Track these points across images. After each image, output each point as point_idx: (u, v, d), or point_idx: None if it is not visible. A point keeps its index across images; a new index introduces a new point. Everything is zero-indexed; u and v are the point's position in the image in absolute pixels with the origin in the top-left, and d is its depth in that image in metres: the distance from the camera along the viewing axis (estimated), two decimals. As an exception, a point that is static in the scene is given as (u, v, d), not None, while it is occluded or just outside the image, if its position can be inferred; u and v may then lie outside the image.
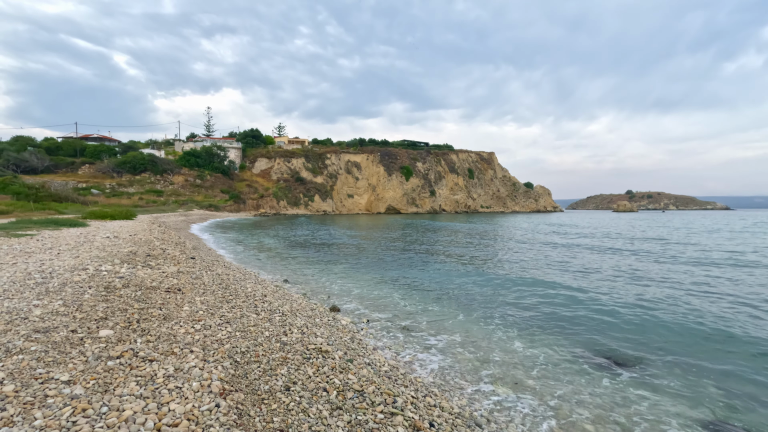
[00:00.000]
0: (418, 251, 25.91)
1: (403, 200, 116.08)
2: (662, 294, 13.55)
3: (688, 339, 9.13)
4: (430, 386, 6.17)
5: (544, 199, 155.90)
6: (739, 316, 10.93)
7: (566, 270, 18.44)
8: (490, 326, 9.93)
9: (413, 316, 10.68)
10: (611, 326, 10.08)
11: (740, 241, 32.17)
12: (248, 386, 5.22)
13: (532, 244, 30.53)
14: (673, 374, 7.23)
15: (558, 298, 13.03)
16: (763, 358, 8.00)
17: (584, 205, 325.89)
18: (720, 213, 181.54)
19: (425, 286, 14.75)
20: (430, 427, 4.57)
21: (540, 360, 7.78)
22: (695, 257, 22.83)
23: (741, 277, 16.64)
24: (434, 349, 8.22)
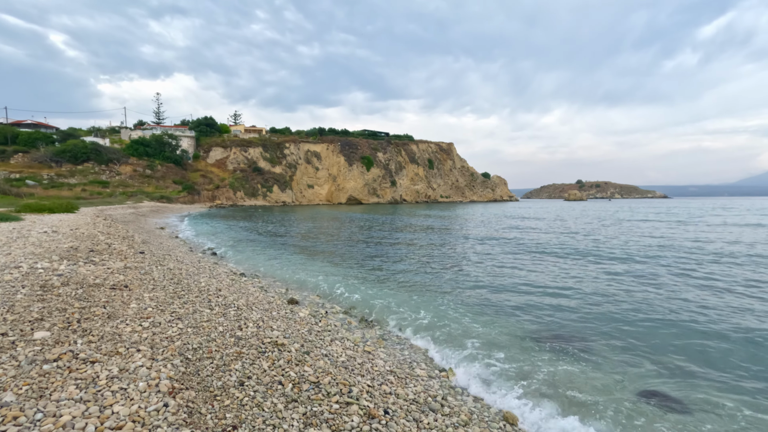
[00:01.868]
0: (378, 242, 26.06)
1: (364, 190, 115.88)
2: (607, 280, 14.45)
3: (628, 319, 9.83)
4: (386, 375, 6.28)
5: (500, 189, 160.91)
6: (674, 297, 11.89)
7: (523, 260, 19.23)
8: (448, 315, 10.20)
9: (372, 307, 10.77)
10: (559, 310, 10.65)
11: (687, 230, 34.83)
12: (200, 383, 5.09)
13: (489, 237, 31.51)
14: (613, 351, 7.77)
15: (516, 287, 13.58)
16: (696, 334, 8.77)
17: (538, 194, 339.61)
18: (659, 201, 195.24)
19: (385, 277, 14.89)
20: (384, 414, 4.66)
21: (494, 344, 8.10)
22: (642, 246, 24.48)
23: (682, 262, 18.07)
24: (392, 338, 8.35)
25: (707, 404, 5.84)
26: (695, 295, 11.87)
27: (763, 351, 7.80)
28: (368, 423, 4.40)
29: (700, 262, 17.41)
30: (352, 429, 4.28)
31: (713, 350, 7.84)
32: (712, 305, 10.85)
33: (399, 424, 4.55)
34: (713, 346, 8.06)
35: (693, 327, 9.18)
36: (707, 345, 8.10)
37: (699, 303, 11.09)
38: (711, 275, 14.63)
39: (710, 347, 7.98)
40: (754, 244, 22.92)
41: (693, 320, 9.64)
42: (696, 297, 11.70)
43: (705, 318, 9.80)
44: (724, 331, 8.90)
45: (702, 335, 8.66)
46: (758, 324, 9.28)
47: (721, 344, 8.14)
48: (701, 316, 9.91)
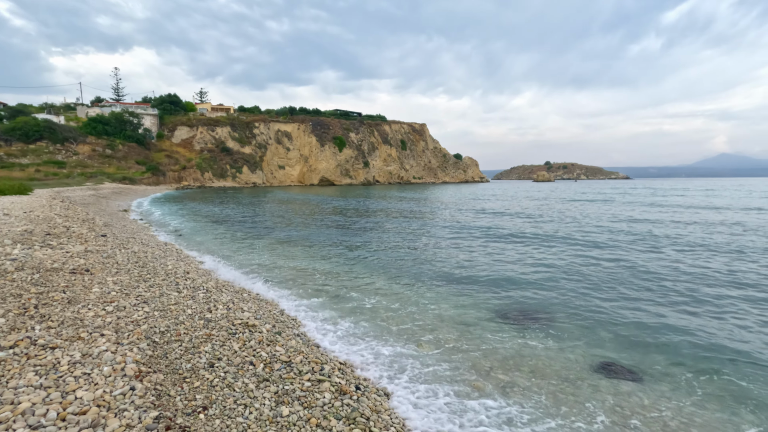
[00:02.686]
0: (350, 224, 26.04)
1: (336, 171, 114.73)
2: (567, 255, 15.04)
3: (587, 293, 10.31)
4: (357, 353, 6.37)
5: (472, 170, 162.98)
6: (629, 270, 12.54)
7: (493, 239, 19.70)
8: (413, 292, 10.39)
9: (344, 286, 10.83)
10: (522, 285, 11.04)
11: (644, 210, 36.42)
12: (168, 366, 5.02)
13: (459, 221, 32.01)
14: (573, 324, 8.16)
15: (481, 264, 13.93)
16: (651, 306, 9.31)
17: (508, 175, 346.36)
18: (622, 182, 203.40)
19: (357, 257, 14.96)
20: (356, 390, 4.75)
21: (458, 320, 8.34)
22: (600, 224, 25.50)
23: (638, 239, 18.98)
24: (363, 316, 8.44)
25: (659, 373, 6.26)
26: (656, 272, 12.55)
27: (717, 322, 8.38)
28: (340, 399, 4.48)
29: (661, 241, 18.36)
30: (323, 405, 4.34)
31: (671, 324, 8.36)
32: (671, 281, 11.51)
33: (370, 398, 4.66)
34: (671, 320, 8.59)
35: (652, 302, 9.74)
36: (664, 319, 8.63)
37: (659, 278, 11.74)
38: (671, 254, 15.47)
39: (668, 321, 8.51)
40: (714, 225, 24.33)
41: (652, 296, 10.23)
42: (657, 273, 12.38)
43: (664, 293, 10.40)
44: (681, 305, 9.49)
45: (660, 309, 9.20)
46: (715, 299, 9.95)
47: (678, 318, 8.69)
48: (660, 292, 10.52)
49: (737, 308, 9.08)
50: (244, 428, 3.89)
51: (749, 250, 15.72)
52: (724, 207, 35.72)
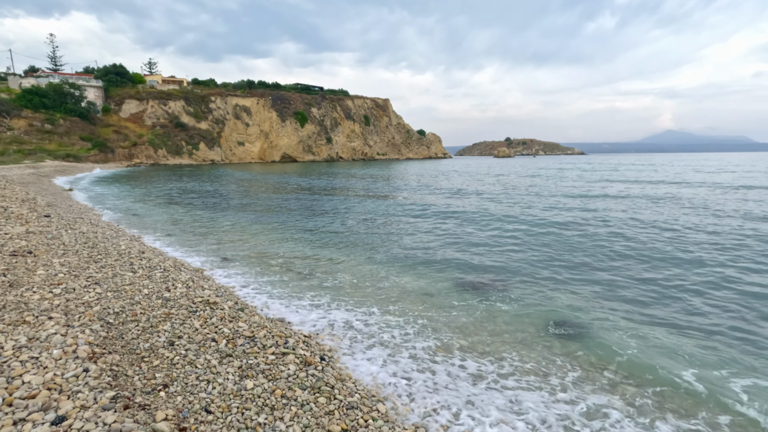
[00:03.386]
0: (313, 202, 25.75)
1: (298, 148, 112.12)
2: (523, 229, 15.65)
3: (542, 263, 10.83)
4: (323, 325, 6.42)
5: (435, 146, 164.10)
6: (580, 236, 13.25)
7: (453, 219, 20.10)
8: (378, 265, 10.52)
9: (308, 263, 10.78)
10: (482, 258, 11.43)
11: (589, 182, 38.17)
12: (125, 347, 4.86)
13: (423, 198, 32.33)
14: (528, 291, 8.58)
15: (443, 234, 14.24)
16: (602, 269, 9.91)
17: (470, 151, 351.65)
18: (577, 157, 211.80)
19: (319, 233, 14.88)
20: (320, 360, 4.81)
21: (421, 291, 8.56)
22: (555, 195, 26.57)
23: (587, 207, 19.98)
24: (327, 290, 8.48)
25: (604, 331, 6.73)
26: (607, 239, 13.31)
27: (662, 281, 9.06)
28: (304, 370, 4.53)
29: (611, 213, 19.41)
30: (288, 377, 4.38)
31: (619, 284, 8.95)
32: (620, 246, 12.26)
33: (335, 368, 4.74)
34: (620, 280, 9.20)
35: (599, 269, 10.37)
36: (614, 280, 9.22)
37: (609, 245, 12.47)
38: (619, 225, 16.40)
39: (617, 281, 9.10)
40: (660, 196, 25.92)
41: (600, 264, 10.87)
42: (607, 240, 13.13)
43: (614, 257, 11.08)
44: (629, 266, 10.16)
45: (610, 272, 9.82)
46: (659, 261, 10.70)
47: (626, 278, 9.31)
48: (607, 260, 11.20)
49: (673, 273, 9.85)
50: (207, 403, 3.86)
51: (686, 220, 16.96)
52: (668, 181, 38.16)
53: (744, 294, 8.36)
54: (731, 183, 33.84)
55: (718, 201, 22.52)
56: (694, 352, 5.99)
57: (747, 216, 17.36)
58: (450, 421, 4.14)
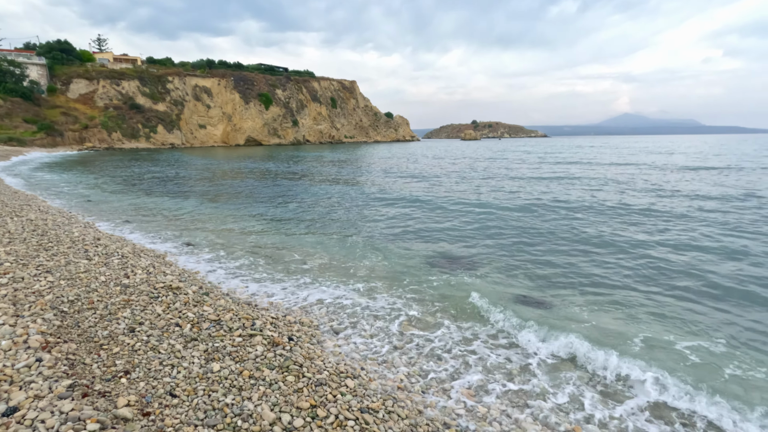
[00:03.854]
0: (277, 185, 25.30)
1: (263, 131, 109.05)
2: (488, 210, 16.04)
3: (507, 242, 11.18)
4: (292, 306, 6.39)
5: (403, 129, 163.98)
6: (544, 215, 13.74)
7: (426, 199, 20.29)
8: (350, 246, 10.53)
9: (276, 246, 10.64)
10: (449, 238, 11.66)
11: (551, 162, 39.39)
12: (82, 335, 4.67)
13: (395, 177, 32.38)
14: (493, 268, 8.86)
15: (413, 217, 14.38)
16: (562, 246, 10.33)
17: (438, 134, 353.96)
18: (540, 140, 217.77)
19: (287, 217, 14.68)
20: (289, 341, 4.80)
21: (390, 270, 8.66)
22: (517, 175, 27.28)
23: (551, 187, 20.66)
24: (297, 273, 8.42)
25: (561, 302, 7.07)
26: (567, 218, 13.85)
27: (616, 260, 9.55)
28: (272, 350, 4.51)
29: (569, 195, 20.17)
30: (256, 357, 4.35)
31: (572, 263, 9.37)
32: (579, 226, 12.79)
33: (303, 347, 4.74)
34: (572, 261, 9.63)
35: (558, 247, 10.81)
36: (568, 260, 9.64)
37: (570, 225, 12.98)
38: (577, 207, 17.08)
39: (570, 262, 9.52)
40: (612, 177, 27.08)
41: (564, 237, 11.33)
42: (567, 220, 13.66)
43: (573, 235, 11.56)
44: (588, 244, 10.64)
45: (564, 254, 10.26)
46: (614, 238, 11.26)
47: (578, 260, 9.75)
48: (567, 239, 11.68)
49: (622, 248, 10.41)
50: (172, 387, 3.78)
51: (639, 202, 17.88)
52: (626, 163, 39.95)
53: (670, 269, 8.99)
54: (685, 164, 35.90)
55: (672, 181, 23.87)
56: (645, 325, 6.40)
57: (694, 195, 18.52)
58: (410, 381, 4.26)
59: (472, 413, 3.92)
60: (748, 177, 25.07)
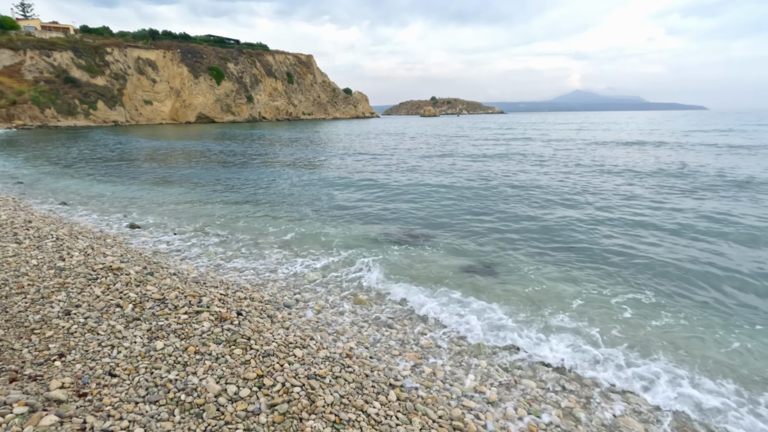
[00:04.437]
0: (231, 161, 24.48)
1: (216, 107, 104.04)
2: (442, 185, 16.35)
3: (458, 215, 11.49)
4: (242, 284, 6.30)
5: (362, 106, 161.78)
6: (493, 190, 14.20)
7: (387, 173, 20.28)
8: (306, 225, 10.45)
9: (227, 224, 10.37)
10: (404, 213, 11.83)
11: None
12: (10, 321, 4.40)
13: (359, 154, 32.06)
14: (445, 239, 9.12)
15: (371, 196, 14.40)
16: (508, 218, 10.75)
17: (397, 110, 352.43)
18: (498, 116, 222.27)
19: (242, 199, 14.29)
20: (237, 316, 4.76)
21: (346, 244, 8.70)
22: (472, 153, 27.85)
23: (503, 164, 21.27)
24: (249, 250, 8.28)
25: (508, 269, 7.42)
26: (516, 192, 14.37)
27: (561, 228, 10.06)
28: (220, 326, 4.45)
29: (524, 169, 20.86)
30: (202, 333, 4.28)
31: (526, 231, 9.80)
32: (528, 198, 13.32)
33: (252, 321, 4.72)
34: (519, 230, 10.06)
35: (507, 217, 11.24)
36: (514, 229, 10.07)
37: (515, 198, 13.49)
38: (532, 179, 17.72)
39: (517, 231, 9.95)
40: (558, 151, 28.19)
41: (508, 213, 11.78)
42: (514, 195, 14.18)
43: (517, 210, 12.04)
44: (535, 217, 11.12)
45: (518, 222, 10.69)
46: (563, 211, 11.82)
47: (531, 226, 10.20)
48: (515, 209, 12.14)
49: (565, 214, 11.00)
50: (111, 367, 3.67)
51: (586, 172, 18.81)
52: (575, 139, 41.67)
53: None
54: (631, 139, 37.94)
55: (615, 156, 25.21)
56: (581, 282, 6.86)
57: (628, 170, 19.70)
58: (359, 349, 4.38)
59: (418, 373, 4.09)
60: (678, 153, 26.99)
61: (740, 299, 6.20)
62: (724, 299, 6.19)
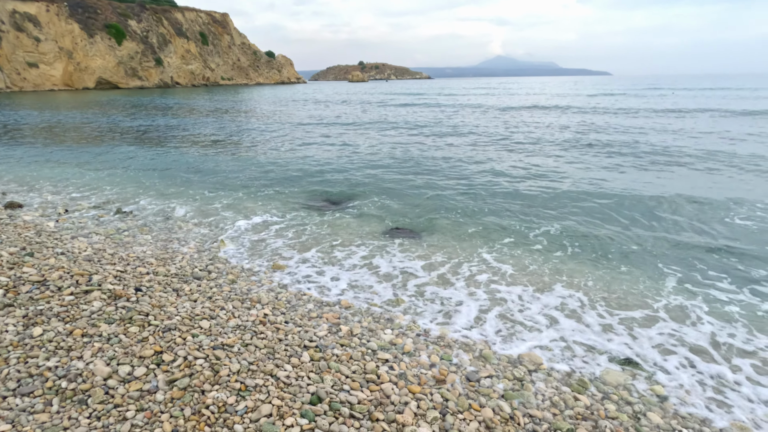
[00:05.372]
0: (139, 134, 22.26)
1: (119, 71, 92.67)
2: (366, 150, 16.23)
3: (382, 177, 11.49)
4: (146, 258, 5.76)
5: (287, 70, 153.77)
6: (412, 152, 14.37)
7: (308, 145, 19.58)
8: (223, 195, 9.81)
9: (131, 199, 9.42)
10: (327, 178, 11.58)
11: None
12: None
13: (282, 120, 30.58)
14: (369, 203, 9.08)
15: (292, 164, 13.85)
16: (427, 182, 10.94)
17: (325, 76, 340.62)
18: (426, 81, 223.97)
19: (147, 170, 13.04)
20: (136, 292, 4.33)
21: (269, 211, 8.32)
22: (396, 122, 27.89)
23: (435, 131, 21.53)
24: (157, 225, 7.59)
25: (435, 228, 7.59)
26: (437, 156, 14.63)
27: (479, 190, 10.43)
28: (113, 304, 4.02)
29: (443, 132, 21.30)
30: (92, 314, 3.83)
31: (442, 196, 10.03)
32: (450, 160, 13.62)
33: (154, 297, 4.32)
34: (442, 193, 10.30)
35: (430, 180, 11.45)
36: (437, 192, 10.29)
37: (438, 162, 13.75)
38: (447, 143, 18.13)
39: (440, 194, 10.17)
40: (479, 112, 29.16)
41: (432, 176, 12.00)
42: (437, 158, 14.44)
43: (441, 173, 12.30)
44: (454, 178, 11.42)
45: (434, 186, 10.92)
46: (480, 173, 12.24)
47: (446, 192, 10.47)
48: (438, 172, 12.40)
49: (485, 179, 11.49)
50: (-30, 362, 3.15)
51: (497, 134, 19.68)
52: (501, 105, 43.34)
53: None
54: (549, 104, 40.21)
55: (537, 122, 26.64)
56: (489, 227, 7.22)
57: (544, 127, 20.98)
58: (274, 314, 4.23)
59: (334, 333, 4.04)
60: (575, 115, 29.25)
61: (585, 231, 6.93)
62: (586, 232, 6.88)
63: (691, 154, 13.55)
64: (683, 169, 11.75)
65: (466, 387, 3.34)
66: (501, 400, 3.19)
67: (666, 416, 3.17)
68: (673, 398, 3.37)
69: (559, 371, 3.68)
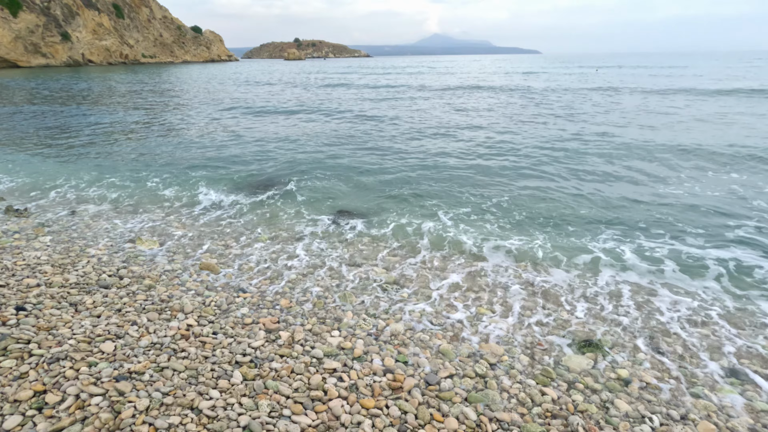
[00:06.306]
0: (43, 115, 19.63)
1: (17, 47, 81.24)
2: (306, 131, 15.39)
3: (325, 160, 10.84)
4: (39, 265, 4.77)
5: (216, 47, 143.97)
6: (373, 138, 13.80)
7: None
8: (143, 186, 8.69)
9: (26, 192, 8.04)
10: (261, 161, 10.73)
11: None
12: None
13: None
14: (316, 185, 8.46)
15: (228, 145, 12.74)
16: (372, 162, 10.46)
17: (259, 53, 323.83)
18: (365, 60, 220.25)
19: (42, 154, 11.37)
20: (17, 312, 3.47)
21: (197, 198, 7.45)
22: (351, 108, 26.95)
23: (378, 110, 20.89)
24: (56, 221, 6.47)
25: (380, 210, 7.16)
26: (378, 135, 14.15)
27: (422, 169, 10.09)
28: (-17, 331, 3.16)
29: (381, 111, 20.79)
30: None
31: (387, 176, 9.60)
32: (388, 142, 13.19)
33: (42, 316, 3.49)
34: (387, 173, 9.87)
35: (373, 160, 10.97)
36: (383, 172, 9.85)
37: (379, 140, 13.28)
38: (396, 119, 17.69)
39: (386, 175, 9.73)
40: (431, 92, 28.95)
41: (374, 156, 11.52)
42: (378, 136, 13.96)
43: (382, 152, 11.85)
44: (403, 160, 11.02)
45: (386, 165, 10.46)
46: (431, 152, 11.92)
47: (392, 171, 10.05)
48: (380, 152, 11.94)
49: (421, 158, 11.23)
50: None
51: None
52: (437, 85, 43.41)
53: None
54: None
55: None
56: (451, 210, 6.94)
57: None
58: (199, 324, 3.62)
59: (272, 341, 3.50)
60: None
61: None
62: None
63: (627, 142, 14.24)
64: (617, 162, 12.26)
65: (425, 393, 2.97)
66: (465, 404, 2.86)
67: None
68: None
69: (522, 362, 3.44)
